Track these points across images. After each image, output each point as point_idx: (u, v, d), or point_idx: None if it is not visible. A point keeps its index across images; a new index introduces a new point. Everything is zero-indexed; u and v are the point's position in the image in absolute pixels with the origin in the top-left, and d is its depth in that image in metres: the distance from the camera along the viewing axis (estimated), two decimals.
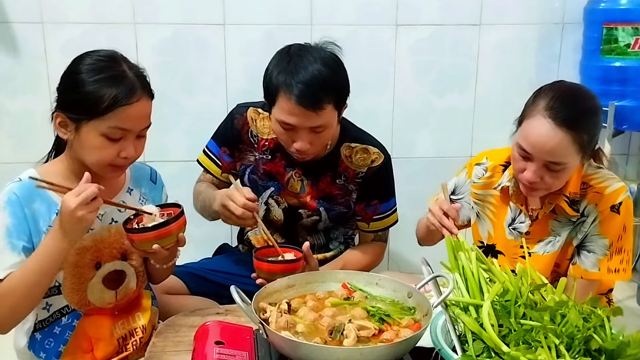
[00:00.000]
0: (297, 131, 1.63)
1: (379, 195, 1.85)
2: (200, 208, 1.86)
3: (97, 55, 1.35)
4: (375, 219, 1.86)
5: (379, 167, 1.82)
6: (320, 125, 1.62)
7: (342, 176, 1.82)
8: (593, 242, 1.54)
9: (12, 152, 2.48)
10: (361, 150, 1.82)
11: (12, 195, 1.31)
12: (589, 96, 1.49)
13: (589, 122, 1.44)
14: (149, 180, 1.56)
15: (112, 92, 1.28)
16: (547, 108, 1.42)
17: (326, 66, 1.61)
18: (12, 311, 1.30)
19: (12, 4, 2.37)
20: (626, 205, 1.52)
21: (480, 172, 1.69)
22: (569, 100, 1.44)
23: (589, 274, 1.54)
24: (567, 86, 1.51)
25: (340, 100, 1.66)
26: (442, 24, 2.57)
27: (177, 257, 1.50)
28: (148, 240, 1.33)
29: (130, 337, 1.48)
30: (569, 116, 1.40)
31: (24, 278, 1.26)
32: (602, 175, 1.55)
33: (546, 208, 1.57)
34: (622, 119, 2.48)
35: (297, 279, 1.32)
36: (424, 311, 1.18)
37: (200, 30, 2.48)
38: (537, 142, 1.42)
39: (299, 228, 1.88)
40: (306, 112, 1.58)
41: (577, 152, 1.43)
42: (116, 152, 1.33)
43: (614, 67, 2.48)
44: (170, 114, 2.51)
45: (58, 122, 1.35)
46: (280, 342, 1.09)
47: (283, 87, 1.59)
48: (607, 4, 2.48)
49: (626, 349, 0.97)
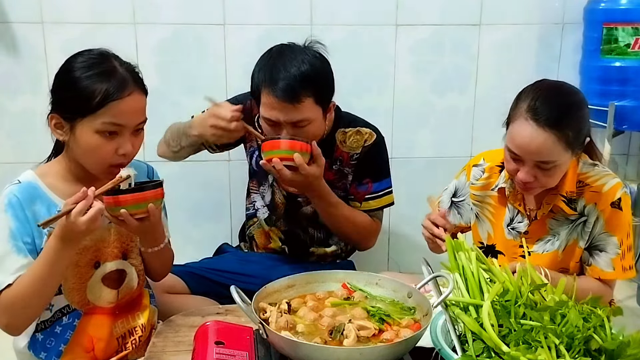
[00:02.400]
0: (281, 127, 1.65)
1: (371, 173, 1.86)
2: (165, 142, 1.95)
3: (89, 53, 1.36)
4: (367, 198, 1.86)
5: (371, 145, 1.84)
6: (302, 119, 1.64)
7: (338, 161, 1.84)
8: (602, 240, 1.55)
9: (12, 152, 2.47)
10: (354, 132, 1.85)
11: (12, 197, 1.31)
12: (571, 92, 1.50)
13: (572, 118, 1.44)
14: (146, 179, 1.56)
15: (102, 87, 1.29)
16: (529, 109, 1.43)
17: (305, 62, 1.65)
18: (24, 312, 1.31)
19: (12, 4, 2.37)
20: (625, 200, 1.53)
21: (478, 174, 1.70)
22: (549, 99, 1.44)
23: (606, 273, 1.55)
24: (547, 85, 1.51)
25: (321, 95, 1.68)
26: (442, 24, 2.57)
27: (164, 243, 1.47)
28: (123, 204, 1.27)
29: (129, 335, 1.48)
30: (550, 115, 1.41)
31: (32, 282, 1.27)
32: (597, 173, 1.56)
33: (544, 209, 1.57)
34: (622, 119, 2.47)
35: (297, 279, 1.32)
36: (424, 311, 1.18)
37: (200, 30, 2.48)
38: (523, 145, 1.44)
39: (301, 218, 1.90)
40: (285, 105, 1.62)
41: (564, 149, 1.43)
42: (113, 150, 1.33)
43: (614, 67, 2.48)
44: (170, 114, 2.51)
45: (54, 124, 1.35)
46: (280, 342, 1.09)
47: (264, 83, 1.65)
48: (607, 4, 2.48)
49: (626, 349, 0.97)
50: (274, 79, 1.62)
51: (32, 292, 1.27)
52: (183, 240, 2.59)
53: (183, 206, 2.54)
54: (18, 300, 1.27)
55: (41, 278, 1.26)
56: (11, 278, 1.28)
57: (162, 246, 1.47)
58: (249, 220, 2.04)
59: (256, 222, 2.00)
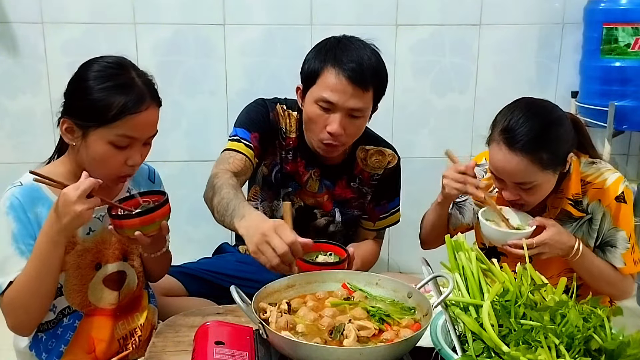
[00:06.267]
0: (335, 112, 1.61)
1: (388, 195, 1.86)
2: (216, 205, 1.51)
3: (105, 61, 1.34)
4: (381, 218, 1.87)
5: (393, 167, 1.83)
6: (360, 108, 1.61)
7: (357, 179, 1.82)
8: (611, 236, 1.55)
9: (12, 152, 2.47)
10: (376, 152, 1.82)
11: (14, 199, 1.31)
12: (547, 111, 1.47)
13: (545, 140, 1.43)
14: (147, 180, 1.56)
15: (120, 100, 1.28)
16: (501, 133, 1.45)
17: (374, 55, 1.64)
18: (26, 312, 1.31)
19: (12, 4, 2.37)
20: (628, 193, 1.54)
21: (481, 174, 1.70)
22: (521, 122, 1.43)
23: (618, 269, 1.56)
24: (523, 104, 1.49)
25: (380, 92, 1.67)
26: (442, 24, 2.57)
27: (165, 247, 1.48)
28: (131, 227, 1.30)
29: (130, 337, 1.48)
30: (520, 139, 1.42)
31: (27, 281, 1.27)
32: (596, 170, 1.57)
33: (551, 213, 1.57)
34: (622, 119, 2.47)
35: (297, 279, 1.32)
36: (424, 311, 1.18)
37: (200, 30, 2.48)
38: (498, 168, 1.47)
39: (311, 229, 1.87)
40: (353, 89, 1.58)
41: (540, 170, 1.44)
42: (123, 160, 1.33)
43: (614, 67, 2.48)
44: (170, 114, 2.52)
45: (65, 128, 1.33)
46: (280, 342, 1.09)
47: (331, 62, 1.59)
48: (607, 4, 2.48)
49: (626, 349, 0.97)
50: (344, 60, 1.58)
51: (28, 292, 1.27)
52: (182, 241, 2.60)
53: (183, 206, 2.53)
54: (18, 300, 1.28)
55: (36, 277, 1.26)
56: (12, 277, 1.28)
57: (164, 250, 1.47)
58: None
59: None
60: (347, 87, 1.57)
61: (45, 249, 1.26)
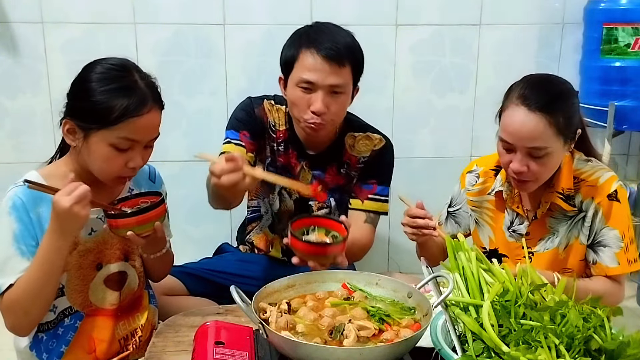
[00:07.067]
0: (316, 90, 1.65)
1: (377, 175, 1.85)
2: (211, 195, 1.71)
3: (108, 63, 1.34)
4: (370, 198, 1.85)
5: (380, 149, 1.85)
6: (339, 84, 1.65)
7: (345, 165, 1.84)
8: (604, 235, 1.55)
9: (12, 152, 2.47)
10: (364, 137, 1.85)
11: (17, 199, 1.31)
12: (560, 82, 1.54)
13: (562, 104, 1.46)
14: (147, 180, 1.56)
15: (123, 103, 1.28)
16: (519, 97, 1.47)
17: (348, 36, 1.70)
18: (26, 314, 1.30)
19: (12, 4, 2.37)
20: (622, 192, 1.54)
21: (473, 180, 1.71)
22: (539, 86, 1.48)
23: (611, 269, 1.55)
24: (537, 75, 1.55)
25: (357, 69, 1.71)
26: (442, 24, 2.57)
27: (165, 248, 1.48)
28: (126, 226, 1.31)
29: (131, 337, 1.48)
30: (540, 99, 1.44)
31: (29, 283, 1.27)
32: (591, 167, 1.57)
33: (543, 207, 1.57)
34: (622, 119, 2.47)
35: (297, 279, 1.32)
36: (424, 311, 1.18)
37: (200, 30, 2.48)
38: (515, 130, 1.46)
39: None
40: (330, 66, 1.63)
41: (555, 135, 1.45)
42: (124, 162, 1.33)
43: (614, 67, 2.48)
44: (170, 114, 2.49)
45: (66, 129, 1.33)
46: (280, 342, 1.09)
47: (306, 45, 1.65)
48: (607, 4, 2.48)
49: (626, 349, 0.97)
50: (318, 40, 1.64)
51: (30, 294, 1.27)
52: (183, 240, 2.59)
53: (183, 206, 2.54)
54: (19, 302, 1.28)
55: (38, 279, 1.26)
56: (12, 279, 1.28)
57: (164, 251, 1.47)
58: (249, 223, 2.02)
59: (256, 227, 1.98)
60: (324, 65, 1.63)
61: (48, 254, 1.25)
